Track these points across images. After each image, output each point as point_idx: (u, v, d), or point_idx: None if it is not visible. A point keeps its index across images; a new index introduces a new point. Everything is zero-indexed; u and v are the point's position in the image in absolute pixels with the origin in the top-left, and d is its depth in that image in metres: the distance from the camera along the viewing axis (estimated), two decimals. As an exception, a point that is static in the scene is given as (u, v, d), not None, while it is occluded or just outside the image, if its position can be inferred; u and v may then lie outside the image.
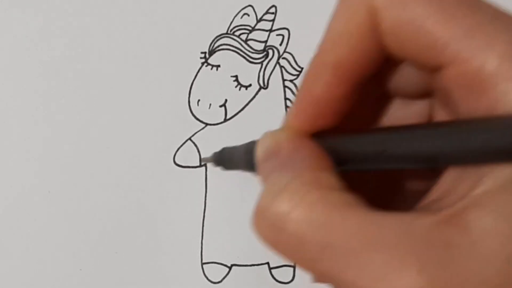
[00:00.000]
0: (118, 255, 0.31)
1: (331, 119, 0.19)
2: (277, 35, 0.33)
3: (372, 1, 0.16)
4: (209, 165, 0.32)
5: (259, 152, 0.20)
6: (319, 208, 0.16)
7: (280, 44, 0.32)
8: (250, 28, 0.33)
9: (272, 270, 0.31)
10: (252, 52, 0.32)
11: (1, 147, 0.32)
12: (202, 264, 0.31)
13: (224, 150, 0.24)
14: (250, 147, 0.21)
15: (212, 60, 0.32)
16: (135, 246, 0.31)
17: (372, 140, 0.18)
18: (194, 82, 0.32)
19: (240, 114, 0.32)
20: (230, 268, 0.31)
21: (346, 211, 0.16)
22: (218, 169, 0.32)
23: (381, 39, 0.17)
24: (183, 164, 0.32)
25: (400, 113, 0.20)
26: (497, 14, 0.16)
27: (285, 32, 0.33)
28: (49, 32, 0.33)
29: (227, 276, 0.31)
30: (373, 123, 0.21)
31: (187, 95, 0.32)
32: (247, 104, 0.32)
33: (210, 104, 0.32)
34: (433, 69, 0.16)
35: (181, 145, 0.32)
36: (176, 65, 0.32)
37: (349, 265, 0.15)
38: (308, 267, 0.16)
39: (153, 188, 0.31)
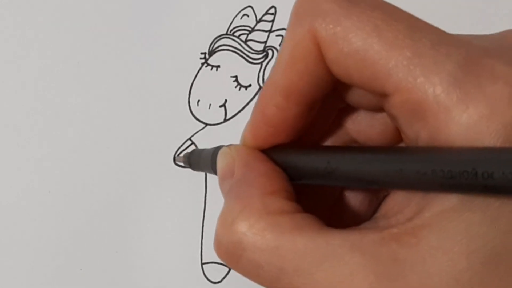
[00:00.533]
0: (118, 255, 0.31)
1: (285, 136, 0.19)
2: (277, 35, 0.33)
3: (315, 33, 0.17)
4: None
5: (218, 170, 0.21)
6: (268, 234, 0.17)
7: (280, 45, 0.33)
8: (249, 29, 0.33)
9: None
10: (252, 53, 0.33)
11: (1, 147, 0.32)
12: (202, 264, 0.31)
13: (194, 151, 0.26)
14: (216, 153, 0.22)
15: (212, 60, 0.33)
16: (135, 246, 0.31)
17: (320, 158, 0.18)
18: (194, 83, 0.32)
19: (240, 114, 0.32)
20: (230, 268, 0.31)
21: (296, 234, 0.16)
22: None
23: (328, 67, 0.17)
24: (183, 164, 0.32)
25: (365, 122, 0.21)
26: (439, 39, 0.16)
27: (284, 33, 0.33)
28: (49, 32, 0.33)
29: (227, 276, 0.31)
30: (338, 132, 0.21)
31: (187, 95, 0.32)
32: (247, 104, 0.32)
33: (210, 104, 0.32)
34: (381, 95, 0.17)
35: (181, 145, 0.32)
36: (176, 65, 0.33)
37: (304, 285, 0.16)
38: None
39: (153, 188, 0.31)
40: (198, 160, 0.25)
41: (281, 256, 0.16)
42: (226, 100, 0.32)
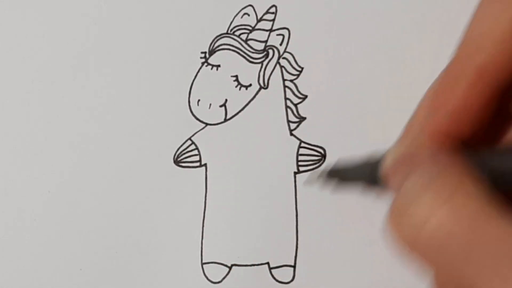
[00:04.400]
0: (118, 255, 0.31)
1: (469, 128, 0.18)
2: (278, 35, 0.32)
3: None
4: (210, 168, 0.32)
5: (389, 160, 0.19)
6: (464, 213, 0.15)
7: (281, 44, 0.32)
8: (250, 28, 0.33)
9: (272, 270, 0.31)
10: (252, 52, 0.32)
11: (1, 147, 0.32)
12: (202, 264, 0.31)
13: (338, 162, 0.23)
14: (372, 159, 0.20)
15: (212, 60, 0.32)
16: (135, 246, 0.31)
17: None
18: (194, 82, 0.32)
19: (240, 114, 0.32)
20: (230, 268, 0.31)
21: (492, 221, 0.15)
22: (219, 170, 0.32)
23: None
24: (183, 164, 0.32)
25: None
26: None
27: (285, 32, 0.32)
28: (49, 32, 0.33)
29: (227, 276, 0.31)
30: (505, 136, 0.19)
31: (187, 95, 0.32)
32: (247, 104, 0.32)
33: (210, 104, 0.32)
34: None
35: (181, 145, 0.32)
36: (176, 65, 0.32)
37: (492, 276, 0.14)
38: (446, 272, 0.16)
39: (153, 188, 0.31)
40: (346, 168, 0.22)
41: (474, 241, 0.14)
42: (226, 100, 0.32)
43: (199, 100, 0.32)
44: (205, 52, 0.33)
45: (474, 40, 0.17)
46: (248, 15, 0.33)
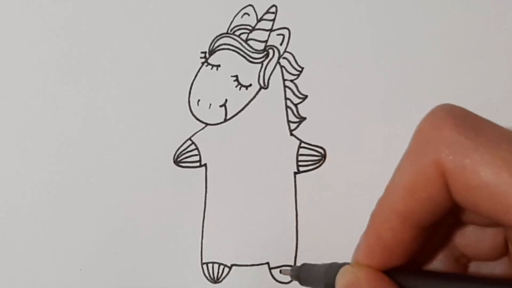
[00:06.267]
0: (118, 255, 0.31)
1: (400, 258, 0.19)
2: (278, 34, 0.32)
3: (441, 164, 0.17)
4: (210, 168, 0.32)
5: (340, 286, 0.21)
6: None
7: (281, 44, 0.32)
8: (250, 28, 0.33)
9: (272, 270, 0.31)
10: (253, 52, 0.32)
11: (0, 147, 0.32)
12: (202, 264, 0.31)
13: (304, 266, 0.26)
14: (330, 270, 0.22)
15: (212, 59, 0.32)
16: (135, 246, 0.31)
17: (448, 284, 0.18)
18: (194, 82, 0.32)
19: (240, 114, 0.32)
20: (230, 268, 0.31)
21: None
22: (219, 170, 0.32)
23: (452, 195, 0.17)
24: (183, 164, 0.32)
25: (475, 237, 0.21)
26: None
27: (285, 32, 0.32)
28: (49, 32, 0.33)
29: (227, 276, 0.31)
30: (448, 246, 0.21)
31: (187, 95, 0.32)
32: (247, 104, 0.32)
33: (210, 104, 0.32)
34: (508, 226, 0.17)
35: (181, 145, 0.32)
36: (176, 65, 0.32)
37: None
38: None
39: (153, 188, 0.31)
40: (308, 275, 0.25)
41: None
42: (226, 100, 0.32)
43: (199, 100, 0.32)
44: (205, 52, 0.33)
45: (400, 186, 0.18)
46: (248, 15, 0.33)
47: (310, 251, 0.31)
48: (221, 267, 0.31)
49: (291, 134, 0.32)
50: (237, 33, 0.33)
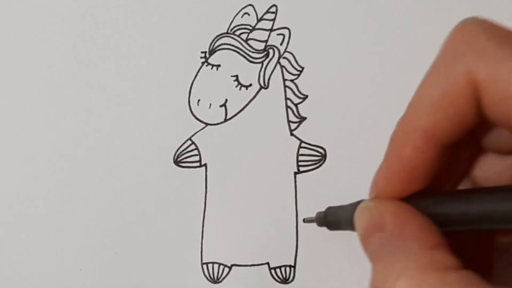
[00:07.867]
0: (118, 255, 0.31)
1: (421, 182, 0.18)
2: (278, 34, 0.32)
3: (474, 75, 0.16)
4: (210, 168, 0.32)
5: (360, 227, 0.19)
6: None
7: (281, 44, 0.32)
8: (250, 28, 0.33)
9: (272, 270, 0.31)
10: (253, 52, 0.32)
11: (0, 147, 0.32)
12: (202, 264, 0.31)
13: (329, 209, 0.24)
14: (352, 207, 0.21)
15: (212, 59, 0.32)
16: (135, 246, 0.31)
17: (473, 202, 0.17)
18: (194, 82, 0.32)
19: (240, 114, 0.32)
20: (230, 268, 0.31)
21: None
22: (219, 170, 0.32)
23: (482, 109, 0.16)
24: (183, 164, 0.32)
25: (493, 168, 0.20)
26: None
27: (285, 32, 0.32)
28: (49, 32, 0.33)
29: (227, 276, 0.31)
30: (465, 177, 0.20)
31: (187, 95, 0.32)
32: (247, 104, 0.32)
33: (210, 104, 0.32)
34: None
35: (181, 145, 0.32)
36: (176, 65, 0.32)
37: None
38: None
39: (153, 188, 0.31)
40: (337, 218, 0.23)
41: None
42: (226, 100, 0.32)
43: (199, 100, 0.32)
44: (205, 52, 0.32)
45: (425, 102, 0.17)
46: (249, 14, 0.33)
47: (310, 251, 0.30)
48: (221, 267, 0.31)
49: (291, 134, 0.32)
50: (237, 33, 0.33)
